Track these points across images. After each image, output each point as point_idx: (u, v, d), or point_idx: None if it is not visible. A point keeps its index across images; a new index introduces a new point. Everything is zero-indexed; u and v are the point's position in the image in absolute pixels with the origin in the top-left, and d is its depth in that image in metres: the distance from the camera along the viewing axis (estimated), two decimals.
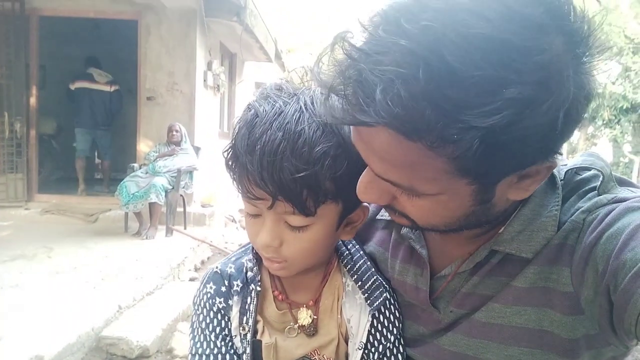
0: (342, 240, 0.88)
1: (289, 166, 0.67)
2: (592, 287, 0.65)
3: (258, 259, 0.87)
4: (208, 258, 5.70)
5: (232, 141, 0.74)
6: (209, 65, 7.05)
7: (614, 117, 15.29)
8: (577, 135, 17.10)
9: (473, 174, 0.57)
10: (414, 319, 0.87)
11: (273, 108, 0.71)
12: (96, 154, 8.69)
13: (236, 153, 0.72)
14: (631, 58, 13.95)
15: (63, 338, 2.81)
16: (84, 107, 7.16)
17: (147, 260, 4.63)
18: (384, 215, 0.92)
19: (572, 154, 17.73)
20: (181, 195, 5.98)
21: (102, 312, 3.29)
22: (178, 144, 5.91)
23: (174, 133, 5.88)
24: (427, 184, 0.60)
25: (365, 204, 0.83)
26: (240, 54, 8.46)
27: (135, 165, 6.05)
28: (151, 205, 5.51)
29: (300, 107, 0.71)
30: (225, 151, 0.76)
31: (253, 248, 0.87)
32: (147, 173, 5.73)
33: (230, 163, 0.75)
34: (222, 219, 7.29)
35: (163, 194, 5.52)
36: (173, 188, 5.75)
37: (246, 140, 0.70)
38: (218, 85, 7.39)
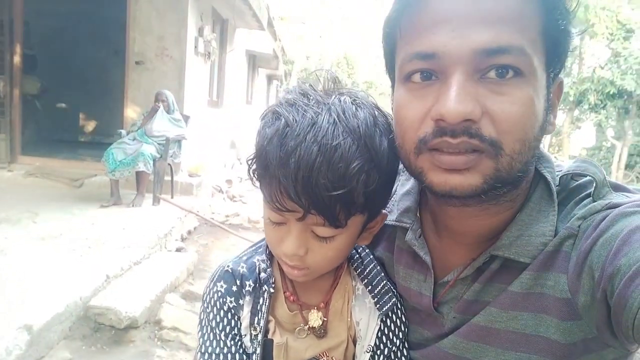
0: None
1: (325, 182, 0.66)
2: (589, 293, 0.66)
3: (270, 259, 0.87)
4: (195, 228, 5.70)
5: (260, 149, 0.72)
6: (200, 31, 6.88)
7: (600, 102, 15.41)
8: (562, 118, 17.23)
9: (552, 40, 0.66)
10: (419, 323, 0.89)
11: (304, 118, 0.69)
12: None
13: (266, 163, 0.70)
14: (622, 44, 13.97)
15: (51, 307, 2.81)
16: None
17: (134, 229, 4.61)
18: (389, 220, 0.93)
19: (557, 136, 17.92)
20: (169, 164, 5.92)
21: (90, 281, 3.29)
22: (166, 111, 5.81)
23: (161, 102, 5.76)
24: (529, 45, 0.64)
25: (385, 211, 0.84)
26: (232, 21, 8.25)
27: (123, 131, 5.94)
28: (138, 173, 5.45)
29: (334, 119, 0.69)
30: (250, 159, 0.75)
31: (267, 248, 0.88)
32: (134, 139, 5.63)
33: (258, 172, 0.74)
34: (210, 189, 7.27)
35: (151, 162, 5.46)
36: (161, 157, 5.68)
37: (278, 151, 0.68)
38: (209, 53, 7.24)
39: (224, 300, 0.85)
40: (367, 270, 0.89)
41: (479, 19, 0.63)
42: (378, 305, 0.86)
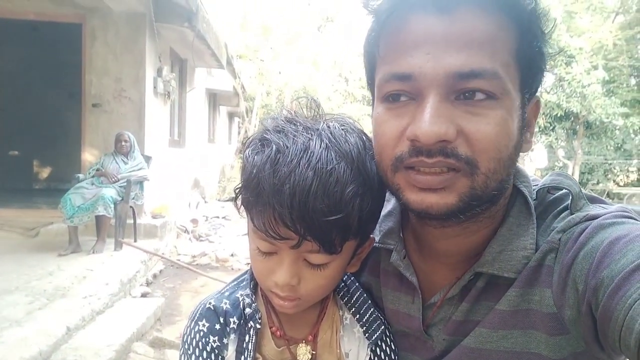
0: None
1: (322, 207, 0.65)
2: (575, 306, 0.67)
3: (254, 294, 0.83)
4: (160, 271, 5.51)
5: (250, 177, 0.70)
6: (159, 72, 6.84)
7: (549, 125, 16.23)
8: None
9: (526, 61, 0.68)
10: (409, 349, 0.86)
11: (296, 144, 0.68)
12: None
13: (258, 191, 0.68)
14: (564, 69, 14.84)
15: None
16: None
17: (96, 276, 4.40)
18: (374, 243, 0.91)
19: None
20: (131, 207, 5.73)
21: (50, 335, 3.09)
22: (127, 154, 5.69)
23: (123, 143, 5.65)
24: (502, 68, 0.66)
25: (372, 235, 0.83)
26: (191, 60, 8.27)
27: (81, 175, 5.75)
28: (99, 218, 5.25)
29: (326, 144, 0.69)
30: (238, 188, 0.72)
31: (250, 282, 0.84)
32: (93, 184, 5.46)
33: (248, 201, 0.71)
34: (174, 229, 7.07)
35: (112, 205, 5.27)
36: (122, 199, 5.51)
37: (272, 178, 0.66)
38: (168, 92, 7.18)
39: (207, 339, 0.80)
40: (354, 299, 0.86)
41: (454, 42, 0.65)
42: (367, 334, 0.83)
